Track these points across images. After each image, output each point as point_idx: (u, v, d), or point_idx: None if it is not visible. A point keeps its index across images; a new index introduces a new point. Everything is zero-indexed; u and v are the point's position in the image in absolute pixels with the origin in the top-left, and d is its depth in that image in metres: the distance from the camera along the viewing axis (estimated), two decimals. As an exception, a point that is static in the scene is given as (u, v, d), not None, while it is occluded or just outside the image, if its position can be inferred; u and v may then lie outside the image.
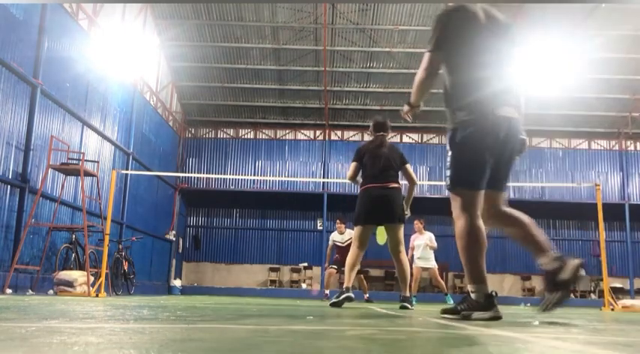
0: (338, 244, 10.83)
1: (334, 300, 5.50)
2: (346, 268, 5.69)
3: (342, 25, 16.03)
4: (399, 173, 5.68)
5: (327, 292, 10.95)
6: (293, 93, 18.77)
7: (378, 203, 5.50)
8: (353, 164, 5.70)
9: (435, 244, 10.85)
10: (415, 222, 11.34)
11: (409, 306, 5.44)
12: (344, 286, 5.61)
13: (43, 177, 8.81)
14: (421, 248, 10.90)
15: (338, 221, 11.01)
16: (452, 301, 10.73)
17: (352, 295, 5.56)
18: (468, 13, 3.13)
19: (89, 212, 9.90)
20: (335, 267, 10.65)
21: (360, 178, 5.70)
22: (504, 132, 3.03)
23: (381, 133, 5.72)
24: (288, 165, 19.37)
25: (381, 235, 6.40)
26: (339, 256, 10.68)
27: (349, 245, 10.08)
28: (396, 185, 5.55)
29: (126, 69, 13.14)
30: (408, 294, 5.59)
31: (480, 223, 3.03)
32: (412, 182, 5.74)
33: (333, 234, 11.07)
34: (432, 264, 10.90)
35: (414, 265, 10.78)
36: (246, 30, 16.34)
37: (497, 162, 3.08)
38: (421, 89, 3.25)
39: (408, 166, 5.74)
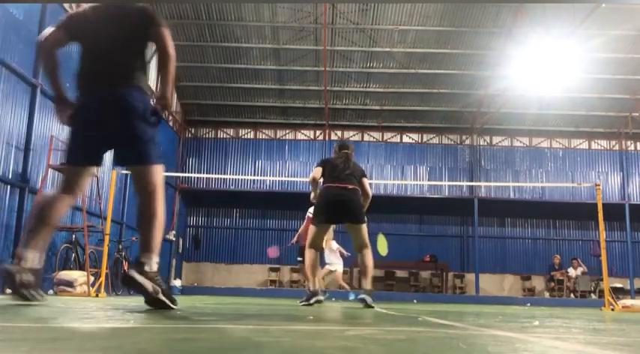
0: None
1: (304, 303, 5.62)
2: (309, 272, 5.81)
3: (342, 25, 16.02)
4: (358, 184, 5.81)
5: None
6: (293, 93, 18.76)
7: (338, 203, 5.64)
8: (317, 168, 5.90)
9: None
10: None
11: (368, 298, 5.37)
12: (311, 289, 5.72)
13: (43, 177, 8.81)
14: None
15: None
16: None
17: (322, 298, 5.67)
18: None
19: (89, 212, 9.89)
20: (301, 259, 10.12)
21: (320, 182, 5.87)
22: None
23: (345, 151, 5.98)
24: (288, 165, 19.36)
25: (382, 245, 6.57)
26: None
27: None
28: (354, 186, 5.68)
29: (126, 69, 13.10)
30: (369, 287, 5.54)
31: None
32: (367, 196, 5.88)
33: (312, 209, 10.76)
34: (337, 268, 11.13)
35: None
36: (246, 30, 16.33)
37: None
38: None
39: (365, 180, 5.90)
